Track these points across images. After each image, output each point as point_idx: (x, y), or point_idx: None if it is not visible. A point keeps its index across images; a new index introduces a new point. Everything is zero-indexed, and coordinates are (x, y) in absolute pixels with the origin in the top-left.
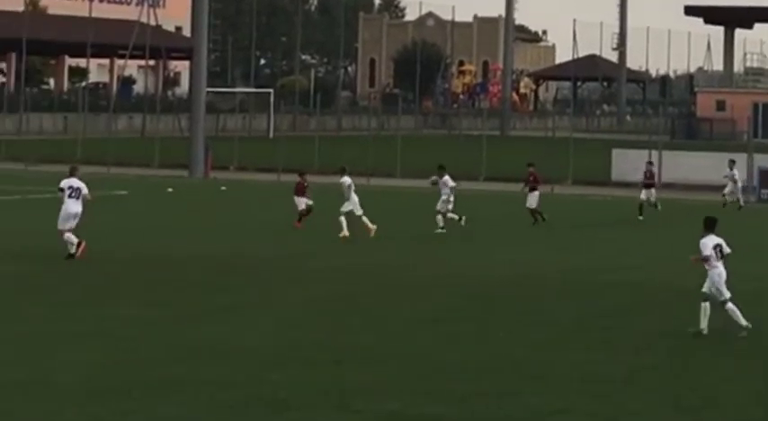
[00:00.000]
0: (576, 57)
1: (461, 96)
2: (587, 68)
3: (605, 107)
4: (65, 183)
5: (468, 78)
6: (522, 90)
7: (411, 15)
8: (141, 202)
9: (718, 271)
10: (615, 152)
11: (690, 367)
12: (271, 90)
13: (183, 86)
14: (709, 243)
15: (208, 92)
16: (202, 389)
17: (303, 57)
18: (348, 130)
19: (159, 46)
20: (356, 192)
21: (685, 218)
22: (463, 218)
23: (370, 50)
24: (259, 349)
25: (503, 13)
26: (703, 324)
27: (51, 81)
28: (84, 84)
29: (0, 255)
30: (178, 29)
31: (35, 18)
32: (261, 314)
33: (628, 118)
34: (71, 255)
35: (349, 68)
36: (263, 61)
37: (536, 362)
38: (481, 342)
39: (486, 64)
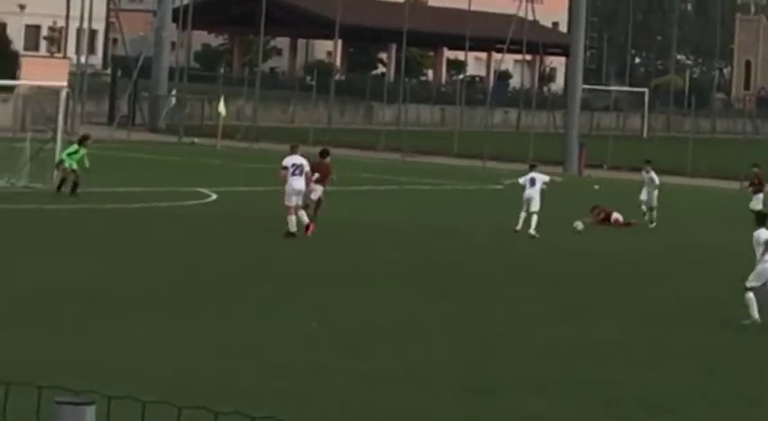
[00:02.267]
0: None
1: None
2: None
3: None
4: (287, 161)
5: None
6: None
7: None
8: (517, 198)
9: (766, 266)
10: None
11: None
12: (645, 89)
13: (558, 82)
14: (760, 237)
15: (583, 89)
16: (573, 388)
17: (678, 56)
18: (722, 133)
19: (536, 41)
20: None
21: None
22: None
23: (746, 52)
24: (624, 347)
25: None
26: (754, 314)
27: (429, 73)
28: (461, 76)
29: (387, 243)
30: (555, 25)
31: (415, 9)
32: (621, 312)
33: None
34: (291, 234)
35: (724, 70)
36: (637, 60)
37: None
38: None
39: None
